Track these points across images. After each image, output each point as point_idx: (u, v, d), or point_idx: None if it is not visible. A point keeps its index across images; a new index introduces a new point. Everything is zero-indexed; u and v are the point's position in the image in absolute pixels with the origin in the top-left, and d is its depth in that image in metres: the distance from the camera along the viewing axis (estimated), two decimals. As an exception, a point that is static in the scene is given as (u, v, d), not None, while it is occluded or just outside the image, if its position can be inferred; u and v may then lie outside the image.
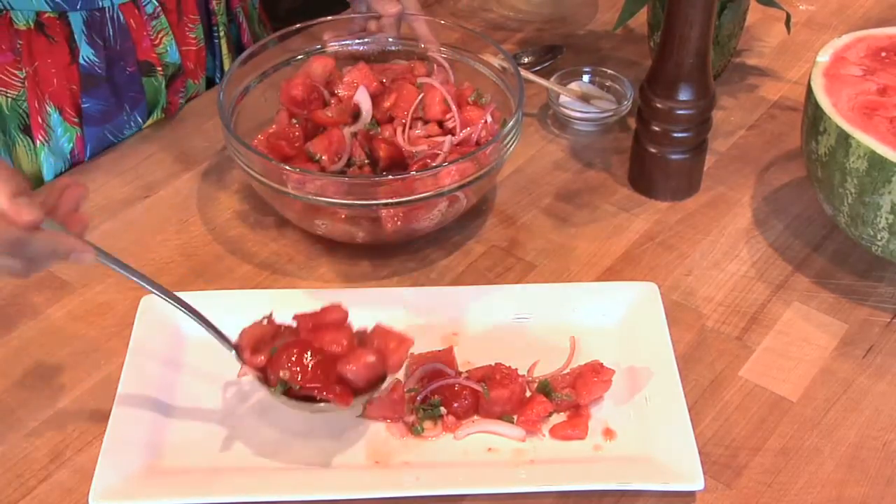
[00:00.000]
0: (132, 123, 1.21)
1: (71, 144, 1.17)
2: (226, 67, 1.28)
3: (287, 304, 0.97)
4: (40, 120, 1.14)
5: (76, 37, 1.12)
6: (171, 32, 1.19)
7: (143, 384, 0.90)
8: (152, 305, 0.96)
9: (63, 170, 1.18)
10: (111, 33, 1.14)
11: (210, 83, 1.29)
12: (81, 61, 1.13)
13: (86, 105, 1.15)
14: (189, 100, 1.27)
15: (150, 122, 1.23)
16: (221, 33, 1.27)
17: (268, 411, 0.89)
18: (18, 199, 0.78)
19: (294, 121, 1.07)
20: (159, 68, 1.19)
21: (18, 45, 1.10)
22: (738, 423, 0.90)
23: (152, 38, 1.18)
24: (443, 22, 1.18)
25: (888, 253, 0.98)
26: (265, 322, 0.88)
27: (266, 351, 0.86)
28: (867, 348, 0.97)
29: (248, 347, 0.86)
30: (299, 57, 1.16)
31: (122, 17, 1.13)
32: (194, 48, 1.24)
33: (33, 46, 1.11)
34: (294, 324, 0.88)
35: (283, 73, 1.14)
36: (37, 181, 1.17)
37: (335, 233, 1.05)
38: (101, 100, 1.16)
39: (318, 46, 1.17)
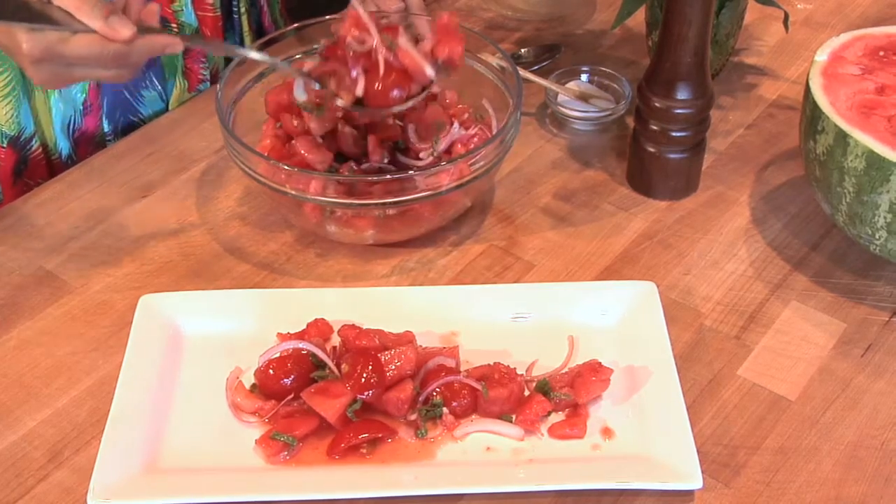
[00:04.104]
0: (148, 83, 1.21)
1: (84, 95, 1.17)
2: (246, 45, 1.29)
3: (286, 304, 0.97)
4: None
5: None
6: None
7: (142, 384, 0.90)
8: (151, 304, 0.96)
9: (72, 118, 1.18)
10: None
11: (229, 59, 1.29)
12: None
13: None
14: (213, 77, 1.28)
15: (174, 94, 1.24)
16: (242, 9, 1.28)
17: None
18: (112, 19, 0.88)
19: (278, 125, 1.07)
20: (174, 26, 1.20)
21: None
22: (736, 422, 0.90)
23: None
24: (441, 21, 1.18)
25: (886, 252, 0.98)
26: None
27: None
28: (865, 347, 0.97)
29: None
30: (297, 56, 1.15)
31: None
32: (210, 14, 1.24)
33: None
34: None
35: (281, 74, 1.13)
36: (49, 128, 1.17)
37: (333, 233, 1.05)
38: None
39: (316, 47, 1.16)
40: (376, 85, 1.00)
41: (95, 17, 0.87)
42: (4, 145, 1.14)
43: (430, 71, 1.00)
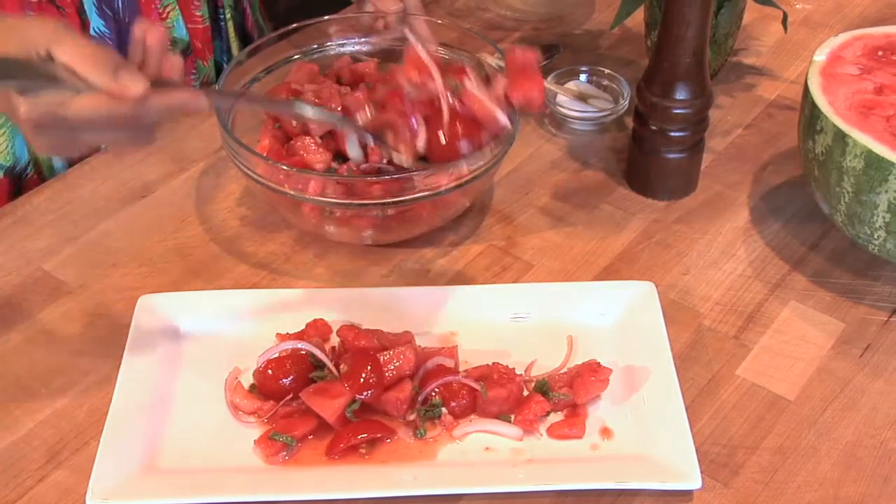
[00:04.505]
0: None
1: None
2: (233, 51, 1.29)
3: (285, 304, 0.97)
4: None
5: (86, 8, 1.11)
6: (177, 8, 1.20)
7: (141, 384, 0.90)
8: (150, 305, 0.96)
9: None
10: (120, 5, 1.13)
11: (218, 67, 1.30)
12: (92, 32, 1.13)
13: None
14: (203, 85, 1.27)
15: None
16: (228, 16, 1.27)
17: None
18: (120, 73, 0.77)
19: (277, 125, 1.07)
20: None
21: (28, 16, 1.09)
22: (735, 422, 0.90)
23: (160, 10, 1.18)
24: (440, 21, 1.18)
25: (885, 252, 0.98)
26: None
27: None
28: (864, 347, 0.97)
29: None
30: (296, 57, 1.15)
31: None
32: (200, 26, 1.24)
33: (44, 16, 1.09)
34: None
35: (280, 74, 1.13)
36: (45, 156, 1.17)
37: (331, 233, 1.05)
38: None
39: (315, 46, 1.17)
40: (440, 137, 0.88)
41: (101, 73, 0.77)
42: (1, 175, 1.14)
43: (502, 117, 0.88)
